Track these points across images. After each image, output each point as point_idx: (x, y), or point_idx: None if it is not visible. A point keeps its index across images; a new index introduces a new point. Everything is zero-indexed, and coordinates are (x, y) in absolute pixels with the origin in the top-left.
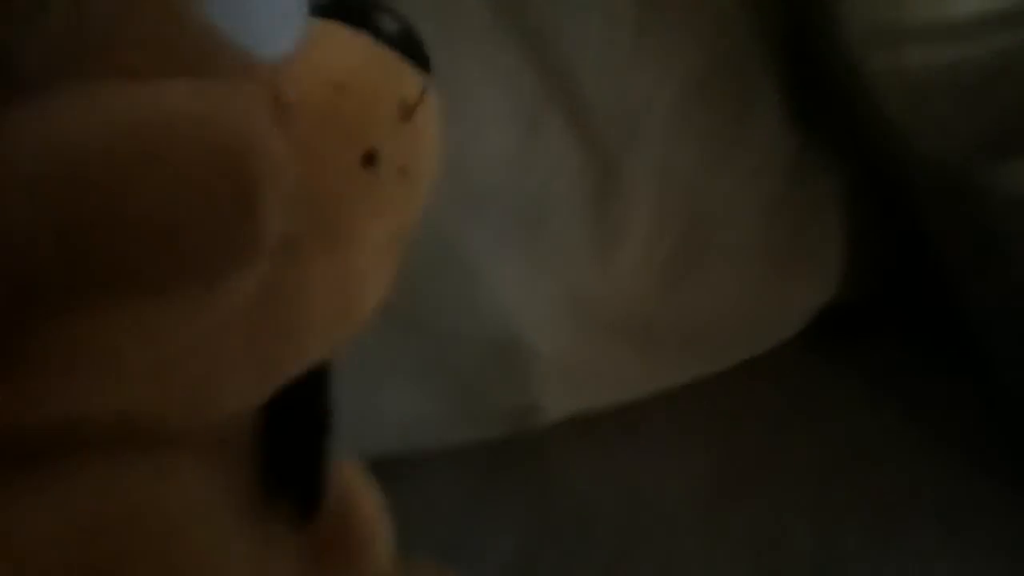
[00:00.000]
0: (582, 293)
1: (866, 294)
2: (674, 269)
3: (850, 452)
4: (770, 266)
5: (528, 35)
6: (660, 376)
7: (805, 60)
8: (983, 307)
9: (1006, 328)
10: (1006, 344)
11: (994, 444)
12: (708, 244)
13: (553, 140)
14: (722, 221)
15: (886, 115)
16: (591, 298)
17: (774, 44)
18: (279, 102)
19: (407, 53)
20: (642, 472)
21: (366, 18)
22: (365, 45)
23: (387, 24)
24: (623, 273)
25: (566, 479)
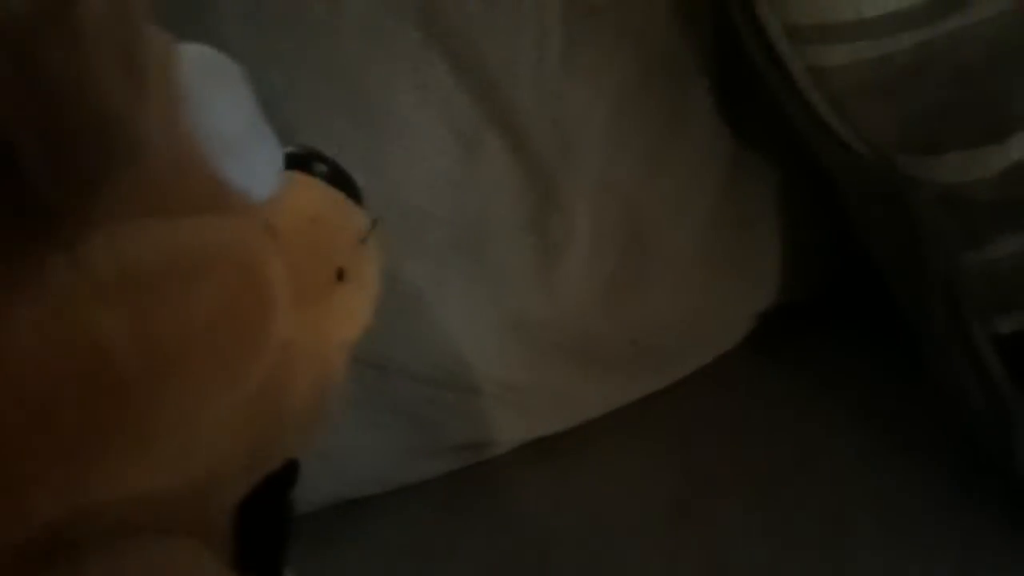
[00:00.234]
0: (527, 316)
1: (809, 295)
2: (617, 285)
3: (800, 460)
4: (712, 274)
5: (459, 57)
6: (611, 395)
7: (736, 65)
8: (915, 305)
9: (935, 326)
10: (936, 342)
11: (942, 445)
12: (649, 256)
13: (490, 162)
14: (661, 232)
15: (814, 115)
16: (537, 321)
17: (704, 51)
18: (271, 231)
19: (345, 190)
20: (599, 496)
21: (309, 164)
22: (322, 187)
23: (320, 168)
24: (567, 292)
25: (524, 507)
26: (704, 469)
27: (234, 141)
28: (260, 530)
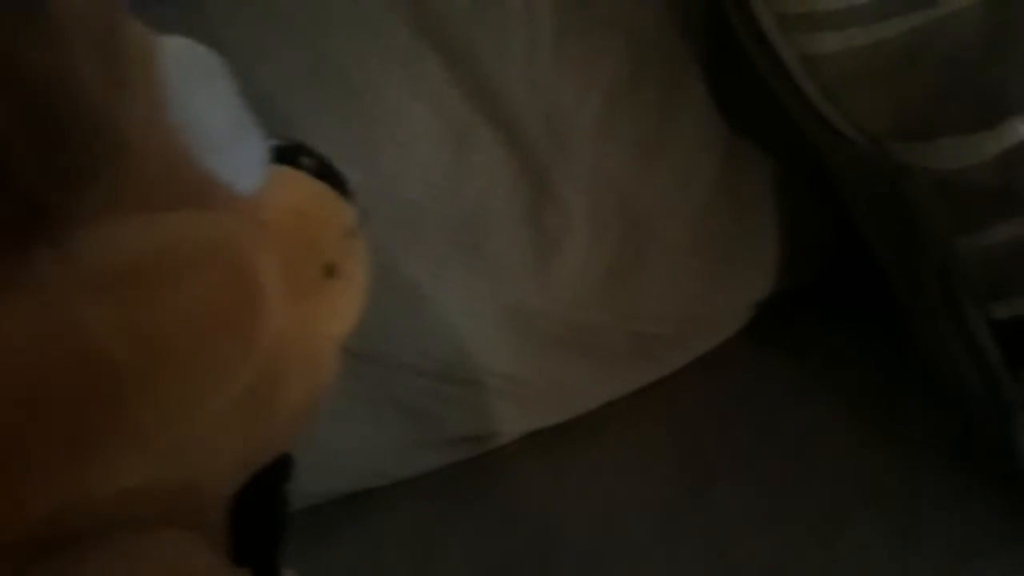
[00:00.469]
0: (526, 308)
1: (807, 282)
2: (614, 275)
3: (800, 448)
4: (709, 262)
5: (450, 52)
6: (611, 385)
7: (728, 54)
8: (912, 291)
9: (931, 313)
10: (933, 329)
11: (941, 432)
12: (646, 246)
13: (484, 156)
14: (658, 222)
15: (807, 103)
16: (535, 312)
17: (696, 41)
18: (258, 225)
19: (332, 183)
20: (600, 487)
21: (295, 158)
22: (308, 180)
23: (306, 162)
24: (565, 284)
25: (525, 499)
26: (704, 458)
27: (218, 135)
28: (255, 523)
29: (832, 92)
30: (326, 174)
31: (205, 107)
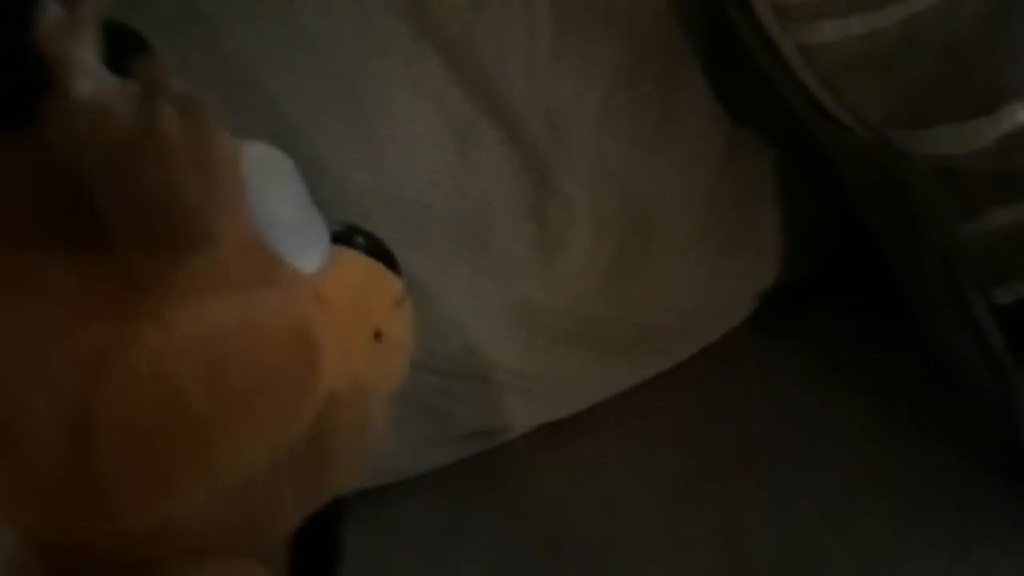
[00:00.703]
0: (532, 303)
1: (811, 273)
2: (619, 268)
3: (805, 438)
4: (713, 254)
5: (450, 51)
6: (617, 378)
7: (727, 46)
8: (915, 278)
9: (935, 299)
10: (937, 316)
11: (946, 420)
12: (649, 239)
13: (486, 154)
14: (661, 215)
15: (806, 93)
16: (541, 307)
17: (695, 34)
18: (319, 298)
19: (383, 260)
20: (608, 477)
21: (350, 238)
22: (361, 258)
23: (359, 241)
24: (570, 278)
25: (535, 492)
26: (710, 448)
27: (288, 226)
28: (313, 558)
29: (830, 81)
30: (376, 251)
31: (278, 203)
